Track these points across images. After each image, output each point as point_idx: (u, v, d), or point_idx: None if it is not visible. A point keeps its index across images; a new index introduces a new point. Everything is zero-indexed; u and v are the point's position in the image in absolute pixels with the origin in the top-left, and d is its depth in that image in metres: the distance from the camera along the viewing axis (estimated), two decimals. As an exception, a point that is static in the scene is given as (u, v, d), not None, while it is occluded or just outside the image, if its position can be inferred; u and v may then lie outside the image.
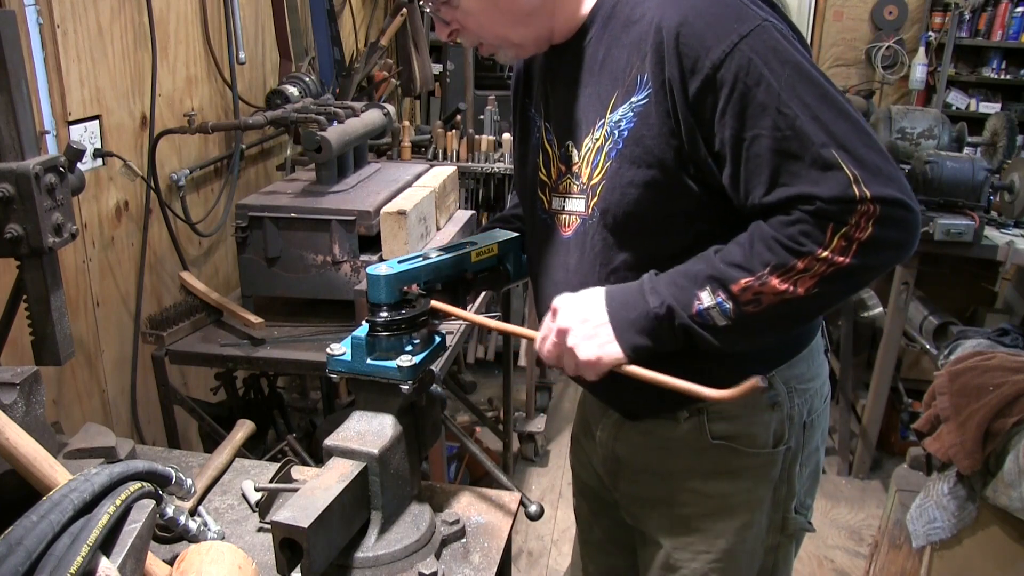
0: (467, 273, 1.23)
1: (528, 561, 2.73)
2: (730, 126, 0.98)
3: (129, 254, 2.09)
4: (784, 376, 1.18)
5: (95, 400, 1.97)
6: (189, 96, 2.35)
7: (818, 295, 0.97)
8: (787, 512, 1.24)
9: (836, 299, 1.03)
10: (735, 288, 0.99)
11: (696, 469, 1.22)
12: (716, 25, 0.97)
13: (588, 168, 1.13)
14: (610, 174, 1.09)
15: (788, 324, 1.06)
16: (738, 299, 0.99)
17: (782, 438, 1.19)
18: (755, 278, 0.98)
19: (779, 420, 1.18)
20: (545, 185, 1.23)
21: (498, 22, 1.12)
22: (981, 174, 2.80)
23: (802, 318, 1.06)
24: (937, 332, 2.93)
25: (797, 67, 0.96)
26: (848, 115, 0.97)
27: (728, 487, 1.21)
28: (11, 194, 1.13)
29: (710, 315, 1.01)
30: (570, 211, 1.18)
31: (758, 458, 1.19)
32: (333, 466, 1.04)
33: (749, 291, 0.98)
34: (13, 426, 1.00)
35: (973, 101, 5.60)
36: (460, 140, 2.94)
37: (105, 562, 0.84)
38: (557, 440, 3.46)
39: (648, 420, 1.23)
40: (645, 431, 1.25)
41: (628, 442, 1.29)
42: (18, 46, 1.13)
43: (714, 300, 1.00)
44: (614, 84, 1.08)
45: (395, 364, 1.06)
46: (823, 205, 0.94)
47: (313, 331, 1.86)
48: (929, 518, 1.94)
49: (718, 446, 1.19)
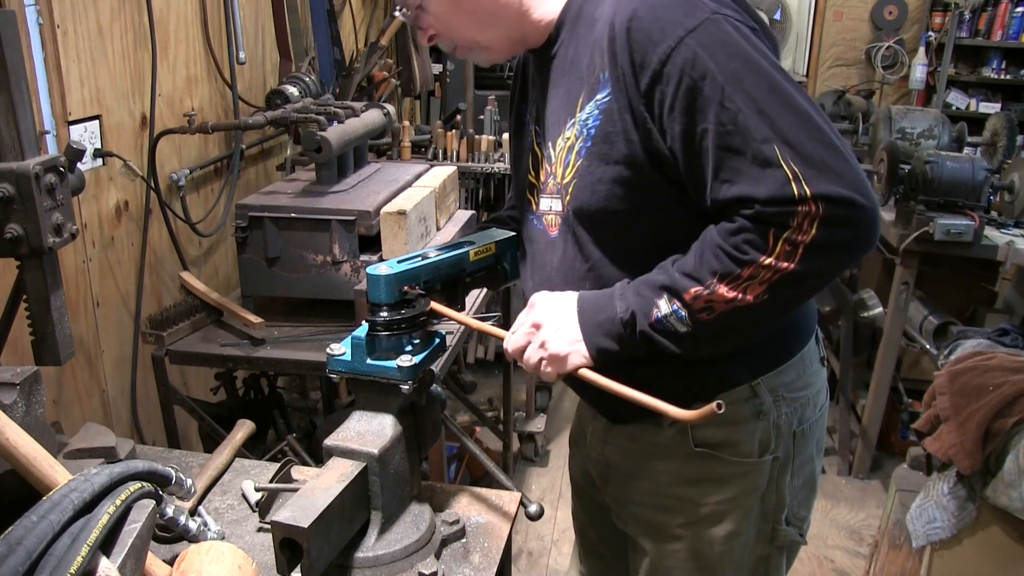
0: (465, 272, 1.23)
1: (528, 561, 2.73)
2: (679, 121, 0.97)
3: (129, 254, 2.09)
4: (770, 384, 1.15)
5: (95, 400, 1.97)
6: (189, 96, 2.35)
7: (768, 302, 0.96)
8: (776, 523, 1.22)
9: (791, 305, 1.02)
10: (687, 296, 0.99)
11: (681, 475, 1.20)
12: (664, 19, 0.97)
13: (561, 167, 1.14)
14: (581, 172, 1.09)
15: (746, 330, 1.05)
16: (691, 307, 0.99)
17: (768, 447, 1.17)
18: (704, 287, 0.98)
19: (764, 429, 1.16)
20: (534, 187, 1.23)
21: (464, 24, 1.14)
22: (981, 174, 2.80)
23: (759, 324, 1.04)
24: (937, 332, 2.93)
25: (746, 60, 0.94)
26: (798, 109, 0.93)
27: (713, 495, 1.19)
28: (11, 194, 1.13)
29: (669, 322, 1.01)
30: (555, 211, 1.18)
31: (742, 467, 1.17)
32: (333, 466, 1.04)
33: (700, 299, 0.98)
34: (13, 426, 1.00)
35: (973, 101, 5.60)
36: (460, 140, 2.94)
37: (105, 562, 0.84)
38: (557, 440, 3.46)
39: (634, 425, 1.22)
40: (631, 436, 1.24)
41: (616, 446, 1.28)
42: (18, 46, 1.13)
43: (670, 308, 1.00)
44: (580, 83, 1.08)
45: (395, 364, 1.06)
46: (760, 208, 0.93)
47: (313, 331, 1.86)
48: (929, 518, 1.94)
49: (701, 453, 1.17)
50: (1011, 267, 2.79)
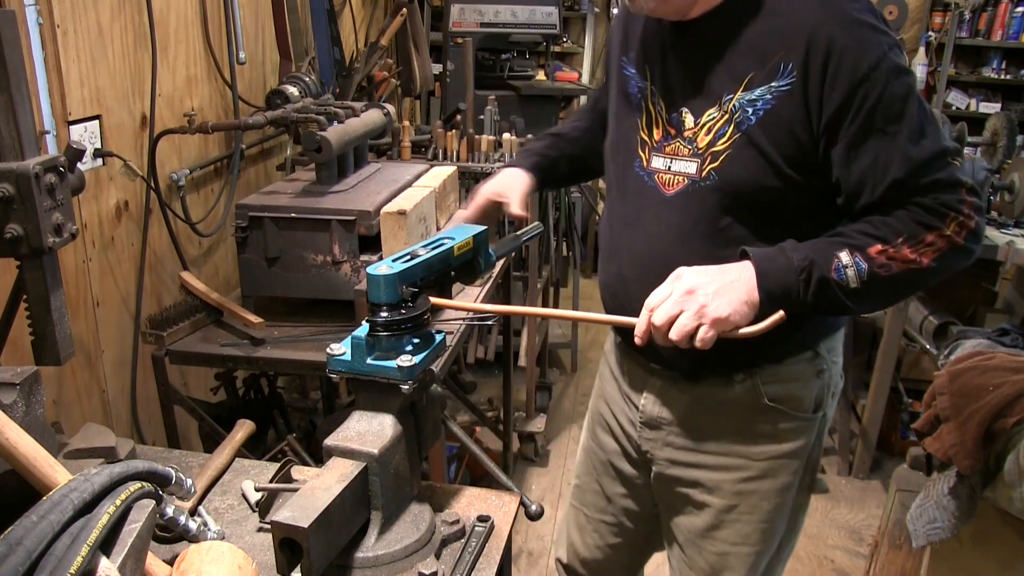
0: (451, 267, 1.23)
1: (528, 561, 2.73)
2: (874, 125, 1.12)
3: (129, 254, 2.09)
4: (827, 347, 1.32)
5: (95, 400, 1.97)
6: (189, 96, 2.35)
7: (935, 268, 1.13)
8: (815, 473, 1.39)
9: (945, 273, 1.16)
10: (872, 251, 1.12)
11: (743, 432, 1.33)
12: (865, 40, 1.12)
13: (709, 136, 1.22)
14: (737, 145, 1.19)
15: (905, 291, 1.20)
16: (873, 261, 1.12)
17: (820, 404, 1.33)
18: (891, 246, 1.11)
19: (820, 387, 1.32)
20: (646, 144, 1.31)
21: None
22: (981, 174, 2.80)
23: (917, 286, 1.19)
24: (937, 332, 2.93)
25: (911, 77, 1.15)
26: None
27: (773, 450, 1.32)
28: (11, 194, 1.13)
29: (846, 273, 1.12)
30: (676, 172, 1.26)
31: (802, 422, 1.32)
32: (333, 466, 1.04)
33: (883, 255, 1.12)
34: (13, 426, 1.00)
35: (973, 101, 5.60)
36: (460, 140, 2.94)
37: (105, 562, 0.84)
38: (557, 440, 3.46)
39: (703, 382, 1.33)
40: (696, 394, 1.35)
41: (677, 405, 1.37)
42: (18, 46, 1.13)
43: (852, 260, 1.12)
44: (751, 65, 1.17)
45: (395, 364, 1.05)
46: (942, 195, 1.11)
47: (313, 331, 1.86)
48: (929, 518, 1.94)
49: (770, 408, 1.30)
50: (1011, 267, 2.80)
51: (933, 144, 1.12)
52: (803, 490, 1.39)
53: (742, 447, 1.33)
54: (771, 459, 1.33)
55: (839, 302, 1.14)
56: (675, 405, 1.37)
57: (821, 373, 1.32)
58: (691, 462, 1.38)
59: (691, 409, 1.36)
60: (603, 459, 1.56)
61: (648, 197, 1.30)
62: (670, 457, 1.40)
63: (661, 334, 1.13)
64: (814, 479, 1.39)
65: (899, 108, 1.11)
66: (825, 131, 1.14)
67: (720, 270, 1.14)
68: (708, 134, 1.22)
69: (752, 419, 1.32)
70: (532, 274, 3.10)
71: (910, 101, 1.12)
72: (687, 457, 1.38)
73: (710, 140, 1.21)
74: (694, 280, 1.12)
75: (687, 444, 1.37)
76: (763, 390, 1.30)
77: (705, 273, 1.13)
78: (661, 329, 1.12)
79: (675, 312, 1.11)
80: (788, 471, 1.34)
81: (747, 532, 1.36)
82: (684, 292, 1.12)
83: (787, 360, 1.30)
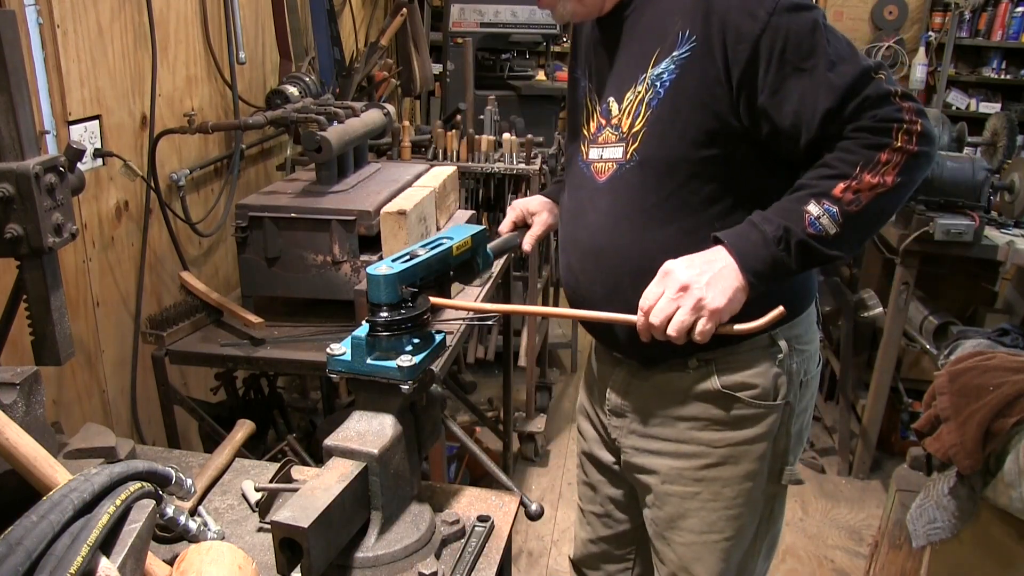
0: (450, 267, 1.23)
1: (528, 561, 2.73)
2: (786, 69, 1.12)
3: (129, 254, 2.09)
4: (786, 335, 1.31)
5: (95, 400, 1.97)
6: (189, 96, 2.35)
7: (902, 183, 1.12)
8: (784, 463, 1.37)
9: (913, 184, 1.16)
10: (836, 192, 1.11)
11: (703, 418, 1.33)
12: None
13: (629, 118, 1.26)
14: (651, 121, 1.22)
15: (884, 216, 1.19)
16: (841, 201, 1.11)
17: (781, 392, 1.32)
18: (852, 179, 1.11)
19: (779, 375, 1.31)
20: (584, 138, 1.37)
21: None
22: (981, 174, 2.80)
23: (894, 206, 1.18)
24: (937, 332, 2.93)
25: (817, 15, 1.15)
26: None
27: (731, 436, 1.33)
28: (11, 194, 1.13)
29: (822, 224, 1.12)
30: (607, 159, 1.30)
31: (760, 409, 1.31)
32: (333, 466, 1.04)
33: (848, 191, 1.11)
34: (13, 426, 1.00)
35: (973, 101, 5.61)
36: (460, 140, 2.94)
37: (105, 562, 0.84)
38: (557, 440, 3.46)
39: (660, 368, 1.35)
40: (655, 383, 1.37)
41: (639, 394, 1.39)
42: (18, 46, 1.13)
43: (822, 209, 1.12)
44: (655, 43, 1.22)
45: (395, 364, 1.06)
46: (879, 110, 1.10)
47: (313, 331, 1.86)
48: (929, 518, 1.94)
49: (724, 395, 1.31)
50: (1011, 267, 2.80)
51: (852, 67, 1.11)
52: (772, 479, 1.38)
53: (700, 434, 1.34)
54: (730, 446, 1.33)
55: (824, 255, 1.14)
56: (636, 393, 1.40)
57: (779, 361, 1.31)
58: (652, 449, 1.39)
59: (650, 397, 1.38)
60: (585, 448, 1.59)
61: (586, 188, 1.34)
62: (634, 445, 1.42)
63: (660, 332, 1.15)
64: (783, 468, 1.38)
65: (809, 43, 1.12)
66: (743, 86, 1.15)
67: (705, 259, 1.15)
68: (628, 117, 1.26)
69: (708, 406, 1.33)
70: (532, 274, 3.10)
71: (817, 32, 1.12)
72: (648, 444, 1.40)
73: (630, 122, 1.26)
74: (685, 275, 1.13)
75: (647, 432, 1.39)
76: (718, 377, 1.31)
77: (692, 265, 1.14)
78: (659, 328, 1.14)
79: (671, 310, 1.13)
80: (749, 458, 1.34)
81: (712, 520, 1.37)
82: (678, 288, 1.13)
83: (741, 347, 1.30)
